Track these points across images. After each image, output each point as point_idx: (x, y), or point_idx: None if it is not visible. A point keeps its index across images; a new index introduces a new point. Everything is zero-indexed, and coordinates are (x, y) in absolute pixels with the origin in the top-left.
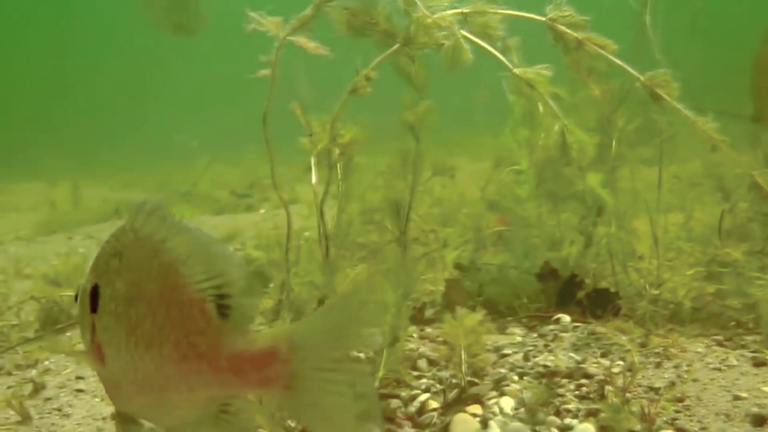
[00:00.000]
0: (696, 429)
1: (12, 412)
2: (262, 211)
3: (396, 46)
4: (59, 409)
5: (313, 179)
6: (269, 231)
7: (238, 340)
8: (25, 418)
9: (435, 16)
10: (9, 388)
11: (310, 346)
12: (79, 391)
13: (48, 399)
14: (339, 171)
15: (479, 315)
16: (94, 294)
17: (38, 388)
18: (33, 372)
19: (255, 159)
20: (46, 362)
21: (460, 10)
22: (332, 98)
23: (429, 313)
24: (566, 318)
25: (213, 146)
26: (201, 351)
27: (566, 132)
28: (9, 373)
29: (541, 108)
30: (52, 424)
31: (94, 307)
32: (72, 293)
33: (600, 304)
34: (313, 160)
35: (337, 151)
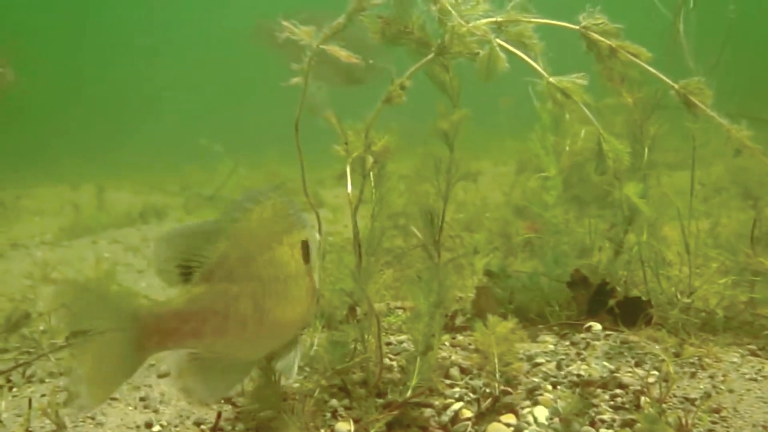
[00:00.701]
0: None
1: (47, 421)
2: None
3: (431, 56)
4: (93, 418)
5: (348, 187)
6: None
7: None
8: (60, 427)
9: (469, 24)
10: (43, 396)
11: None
12: (113, 399)
13: (82, 408)
14: (372, 179)
15: (511, 323)
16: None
17: (72, 397)
18: (66, 380)
19: (278, 162)
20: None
21: (494, 19)
22: (361, 106)
23: (460, 320)
24: (598, 326)
25: (236, 149)
26: None
27: (602, 141)
28: (41, 381)
29: (567, 115)
30: None
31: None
32: None
33: (631, 313)
34: (348, 168)
35: (370, 159)
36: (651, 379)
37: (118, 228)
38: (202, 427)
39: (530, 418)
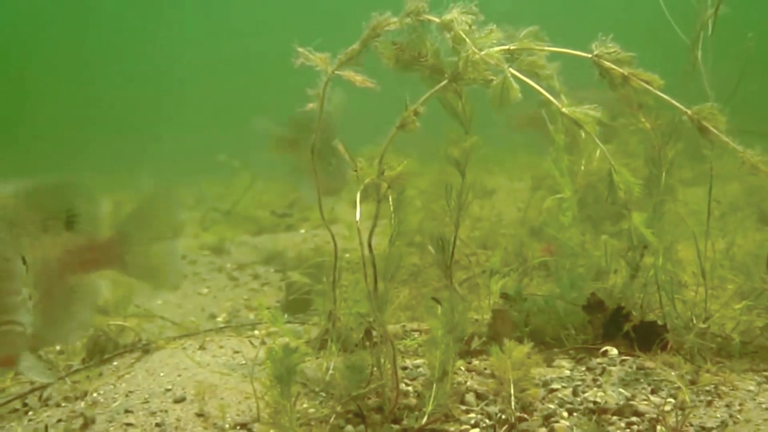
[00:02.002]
0: None
1: None
2: (303, 231)
3: (444, 82)
4: None
5: (357, 216)
6: (310, 251)
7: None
8: None
9: (483, 52)
10: (59, 421)
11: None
12: (128, 425)
13: None
14: (389, 203)
15: (527, 347)
16: None
17: (88, 422)
18: (82, 404)
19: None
20: (95, 394)
21: (507, 47)
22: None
23: (476, 343)
24: (614, 351)
25: (251, 163)
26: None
27: (614, 173)
28: (58, 405)
29: (583, 134)
30: None
31: None
32: (121, 323)
33: (647, 337)
34: (358, 197)
35: (385, 185)
36: (667, 407)
37: None
38: None
39: None
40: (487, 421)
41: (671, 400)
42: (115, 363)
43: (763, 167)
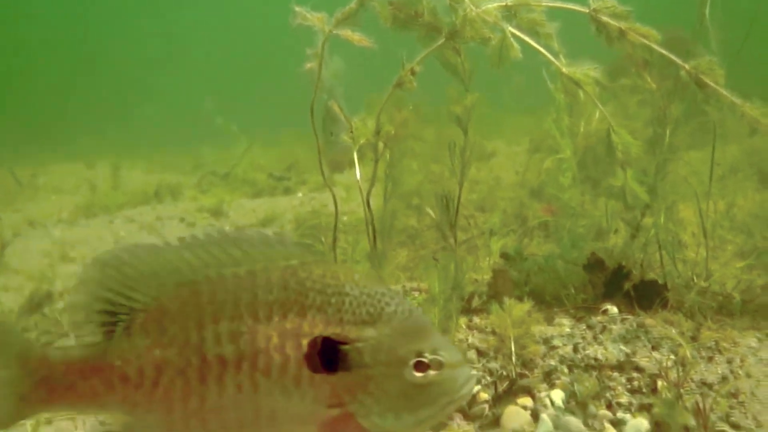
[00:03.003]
0: (751, 425)
1: None
2: (300, 194)
3: (442, 40)
4: None
5: (357, 174)
6: (308, 213)
7: None
8: None
9: (480, 9)
10: None
11: None
12: None
13: None
14: (385, 160)
15: (527, 305)
16: None
17: None
18: None
19: (292, 142)
20: None
21: (504, 3)
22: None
23: (476, 302)
24: (614, 309)
25: (250, 128)
26: None
27: (612, 133)
28: None
29: (582, 95)
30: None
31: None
32: None
33: (648, 296)
34: (355, 156)
35: (381, 144)
36: (668, 363)
37: (134, 207)
38: None
39: (547, 401)
40: (488, 377)
41: (672, 356)
42: None
43: (764, 119)
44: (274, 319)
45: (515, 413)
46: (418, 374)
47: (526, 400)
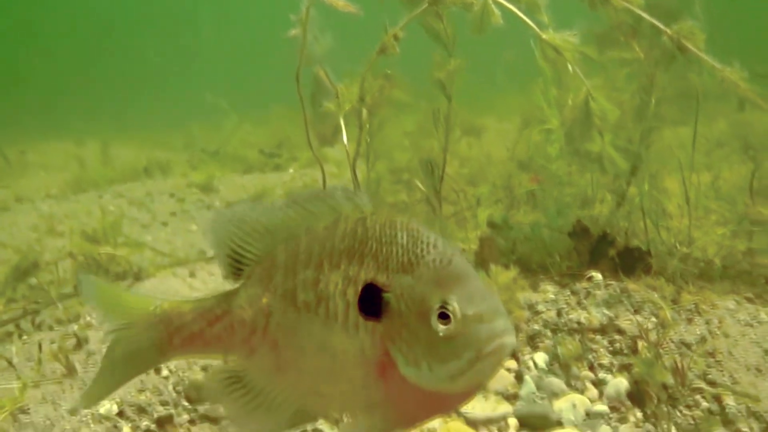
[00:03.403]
0: (727, 382)
1: (58, 365)
2: (291, 170)
3: (424, 6)
4: None
5: (344, 138)
6: (298, 189)
7: None
8: (71, 372)
9: None
10: (53, 342)
11: None
12: None
13: (91, 353)
14: (367, 129)
15: (513, 272)
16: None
17: (81, 342)
18: (75, 327)
19: (282, 119)
20: (87, 317)
21: None
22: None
23: None
24: (598, 276)
25: (240, 106)
26: None
27: (591, 99)
28: (51, 328)
29: (570, 68)
30: None
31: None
32: (111, 251)
33: (631, 262)
34: (341, 121)
35: (365, 111)
36: (649, 325)
37: (123, 183)
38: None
39: (531, 364)
40: None
41: (653, 318)
42: None
43: (742, 83)
44: (342, 266)
45: (500, 375)
46: (442, 324)
47: (511, 363)
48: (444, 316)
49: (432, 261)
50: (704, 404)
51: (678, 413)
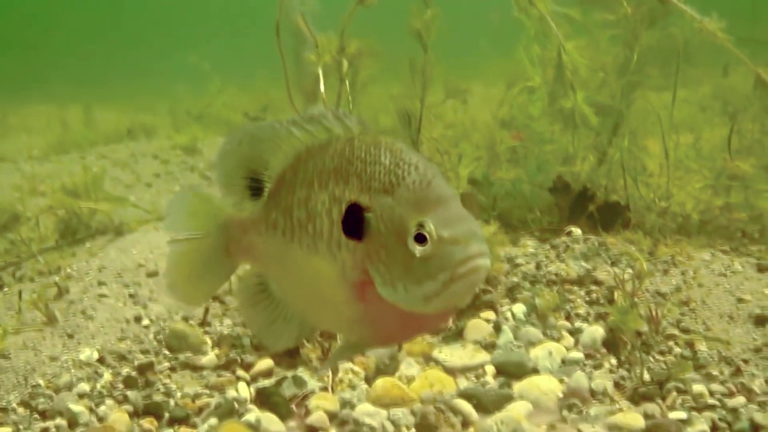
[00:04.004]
0: (700, 330)
1: (38, 314)
2: None
3: None
4: (83, 312)
5: (321, 88)
6: None
7: None
8: (51, 320)
9: None
10: (33, 293)
11: None
12: (102, 295)
13: (72, 302)
14: (349, 83)
15: (493, 227)
16: None
17: (62, 292)
18: (56, 278)
19: (267, 83)
20: (68, 269)
21: None
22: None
23: None
24: (578, 231)
25: (224, 70)
26: None
27: (563, 53)
28: (32, 280)
29: (554, 26)
30: (77, 325)
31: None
32: (93, 206)
33: (610, 217)
34: (320, 71)
35: (345, 63)
36: (625, 276)
37: (106, 144)
38: (190, 321)
39: (509, 315)
40: None
41: (630, 270)
42: (87, 244)
43: (720, 34)
44: (330, 186)
45: (478, 326)
46: (418, 246)
47: (489, 314)
48: (420, 238)
49: (412, 182)
50: (677, 350)
51: (651, 359)
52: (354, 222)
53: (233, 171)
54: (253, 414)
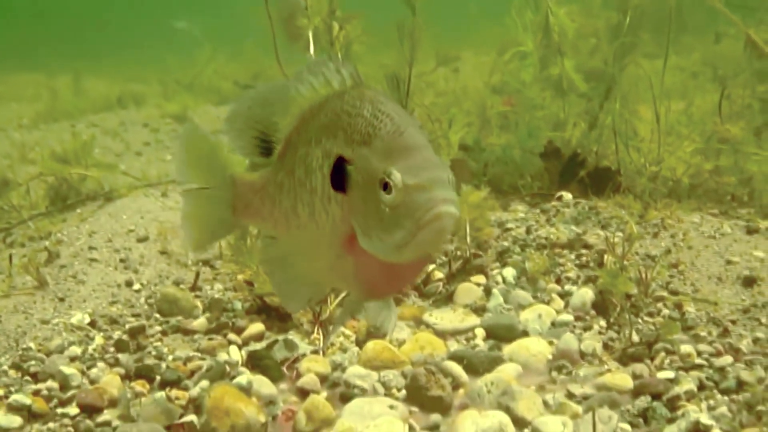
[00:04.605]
0: (689, 291)
1: (29, 278)
2: None
3: None
4: (74, 276)
5: (311, 50)
6: None
7: None
8: (42, 284)
9: None
10: (24, 257)
11: None
12: (93, 260)
13: (63, 267)
14: (340, 46)
15: (483, 192)
16: None
17: (52, 256)
18: (46, 243)
19: (257, 52)
20: (59, 234)
21: None
22: None
23: None
24: (568, 195)
25: (215, 38)
26: None
27: (550, 14)
28: (22, 245)
29: None
30: (68, 289)
31: None
32: (83, 172)
33: (601, 182)
34: (310, 34)
35: (336, 26)
36: (615, 240)
37: (96, 113)
38: (181, 286)
39: (499, 278)
40: (444, 257)
41: (620, 233)
42: (78, 210)
43: None
44: (323, 141)
45: (468, 289)
46: (386, 194)
47: (480, 278)
48: (387, 187)
49: (386, 133)
50: (665, 312)
51: (640, 321)
52: (339, 175)
53: (243, 132)
54: (245, 376)
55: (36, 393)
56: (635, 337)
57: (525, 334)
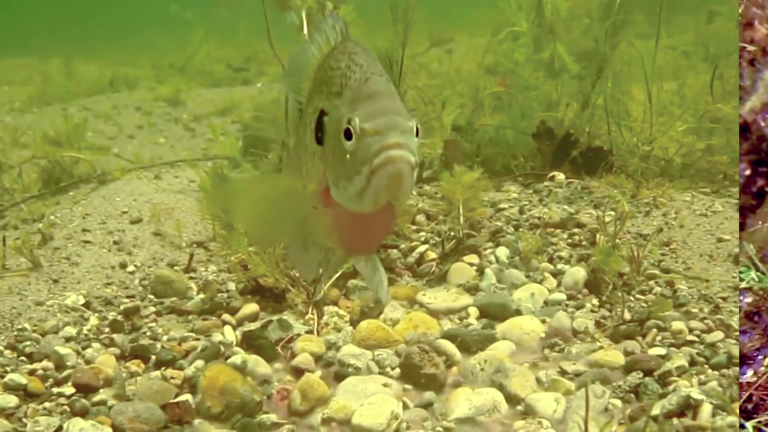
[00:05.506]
0: (681, 269)
1: (23, 260)
2: (259, 84)
3: None
4: (68, 258)
5: (305, 30)
6: (267, 103)
7: None
8: (36, 265)
9: None
10: (17, 239)
11: None
12: (86, 242)
13: (56, 249)
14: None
15: (477, 172)
16: None
17: (46, 238)
18: (39, 225)
19: (250, 34)
20: (52, 217)
21: None
22: None
23: (427, 172)
24: (561, 175)
25: (207, 20)
26: None
27: None
28: (15, 227)
29: None
30: (62, 271)
31: None
32: (76, 155)
33: (593, 162)
34: (303, 15)
35: (330, 5)
36: (607, 219)
37: (88, 96)
38: (175, 267)
39: (492, 258)
40: (437, 238)
41: (612, 212)
42: (71, 192)
43: None
44: (315, 97)
45: (461, 269)
46: (347, 141)
47: (473, 258)
48: (348, 133)
49: (354, 81)
50: (657, 289)
51: (632, 299)
52: (319, 128)
53: (292, 106)
54: (239, 356)
55: (32, 373)
56: (627, 315)
57: (518, 312)
